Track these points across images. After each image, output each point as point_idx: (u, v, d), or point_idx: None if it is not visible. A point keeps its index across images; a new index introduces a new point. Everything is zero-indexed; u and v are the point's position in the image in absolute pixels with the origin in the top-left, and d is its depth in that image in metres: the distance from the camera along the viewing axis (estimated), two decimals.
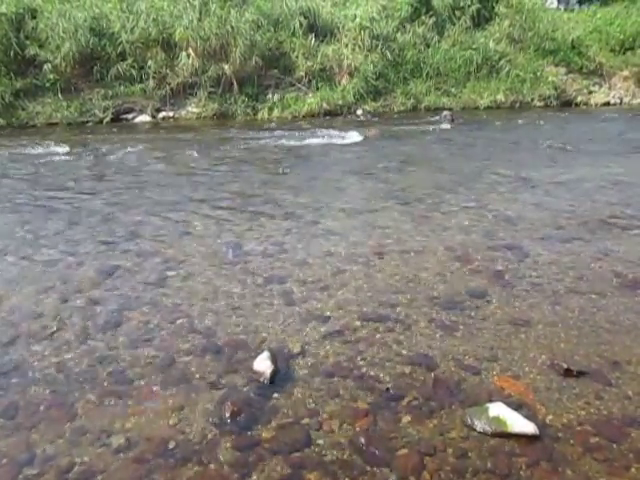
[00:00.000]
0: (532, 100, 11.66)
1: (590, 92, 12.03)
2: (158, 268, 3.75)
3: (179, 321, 3.12)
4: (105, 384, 2.58)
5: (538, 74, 11.85)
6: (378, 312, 3.19)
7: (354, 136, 8.78)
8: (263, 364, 2.65)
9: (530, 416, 2.29)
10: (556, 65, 12.14)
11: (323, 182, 6.07)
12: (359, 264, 3.83)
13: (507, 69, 11.74)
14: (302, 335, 2.96)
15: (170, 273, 3.71)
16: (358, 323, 3.05)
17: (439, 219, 4.75)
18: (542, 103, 11.67)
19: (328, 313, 3.19)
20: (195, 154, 7.56)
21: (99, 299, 3.37)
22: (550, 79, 11.87)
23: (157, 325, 3.09)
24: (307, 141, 8.53)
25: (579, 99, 11.89)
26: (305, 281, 3.56)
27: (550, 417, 2.29)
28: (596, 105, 11.90)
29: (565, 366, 2.56)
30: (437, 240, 4.22)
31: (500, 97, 11.56)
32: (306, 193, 5.60)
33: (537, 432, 2.16)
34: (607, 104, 11.97)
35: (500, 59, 11.85)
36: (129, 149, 7.89)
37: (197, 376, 2.64)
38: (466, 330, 3.00)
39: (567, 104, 11.77)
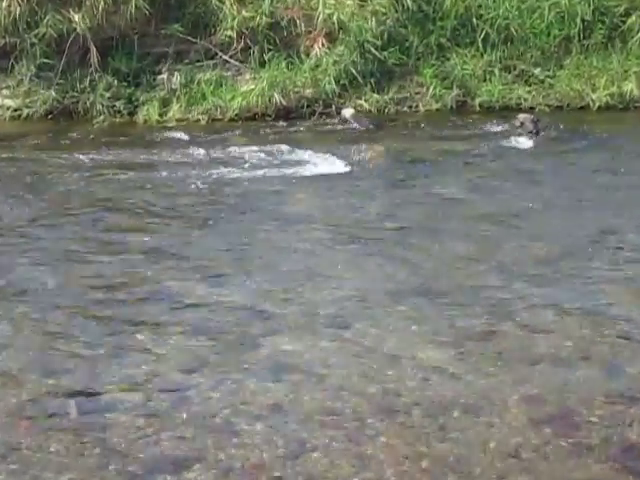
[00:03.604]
0: None
1: None
2: None
3: None
4: None
5: None
6: None
7: (336, 163, 9.15)
8: None
9: None
10: None
11: (272, 266, 6.68)
12: None
13: None
14: None
15: None
16: None
17: (515, 345, 5.36)
18: None
19: None
20: None
21: None
22: None
23: None
24: (238, 174, 8.88)
25: None
26: None
27: None
28: None
29: None
30: (513, 389, 4.76)
31: (631, 87, 12.27)
32: (237, 285, 6.33)
33: None
34: None
35: (629, 12, 12.71)
36: None
37: None
38: None
39: None
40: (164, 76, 11.49)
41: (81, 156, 9.54)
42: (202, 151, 9.68)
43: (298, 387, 4.73)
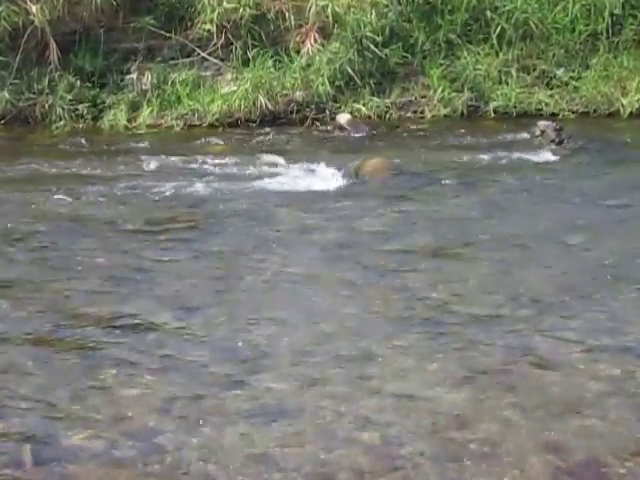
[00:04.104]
0: None
1: None
2: None
3: None
4: None
5: None
6: None
7: (329, 177, 9.19)
8: None
9: None
10: None
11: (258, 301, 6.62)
12: None
13: None
14: None
15: None
16: None
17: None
18: None
19: None
20: None
21: None
22: None
23: None
24: (217, 189, 8.89)
25: None
26: None
27: None
28: None
29: None
30: (532, 436, 4.71)
31: None
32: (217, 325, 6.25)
33: None
34: None
35: None
36: None
37: None
38: None
39: None
40: (133, 76, 11.55)
41: (38, 167, 9.61)
42: (176, 162, 9.74)
43: (286, 434, 4.69)
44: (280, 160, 9.73)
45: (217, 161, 9.73)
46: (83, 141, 10.73)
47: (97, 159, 9.89)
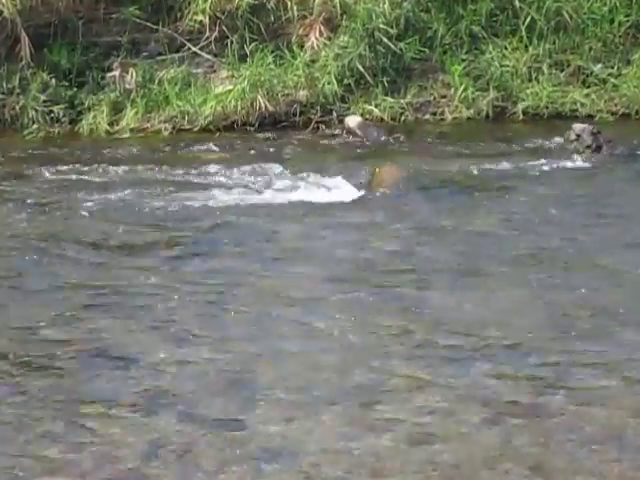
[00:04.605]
0: None
1: None
2: None
3: None
4: None
5: None
6: None
7: (337, 188, 9.23)
8: None
9: None
10: None
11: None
12: None
13: None
14: None
15: None
16: None
17: None
18: None
19: None
20: None
21: None
22: None
23: None
24: (210, 201, 8.92)
25: None
26: None
27: None
28: None
29: None
30: None
31: None
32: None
33: None
34: None
35: None
36: None
37: None
38: None
39: None
40: (116, 73, 11.63)
41: (6, 177, 9.68)
42: (164, 172, 9.79)
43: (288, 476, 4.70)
44: (281, 169, 9.79)
45: (210, 170, 9.79)
46: (58, 148, 10.81)
47: (74, 168, 9.94)
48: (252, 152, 10.62)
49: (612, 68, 12.34)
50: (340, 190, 9.21)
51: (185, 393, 5.58)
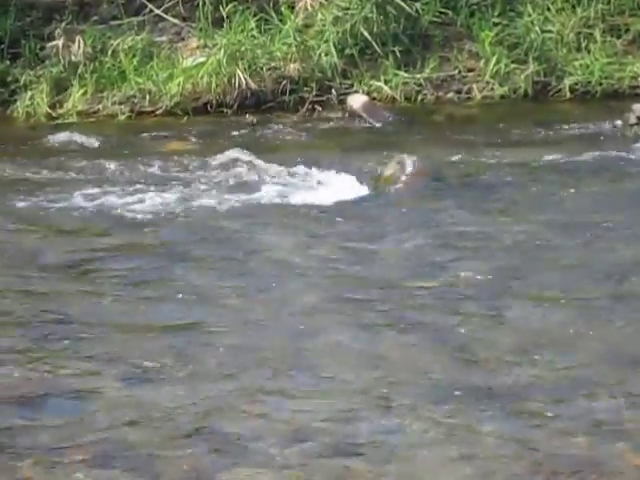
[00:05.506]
0: None
1: None
2: None
3: None
4: None
5: None
6: None
7: (337, 184, 9.33)
8: None
9: None
10: None
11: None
12: None
13: None
14: None
15: None
16: None
17: None
18: None
19: None
20: None
21: None
22: None
23: None
24: (178, 201, 9.04)
25: None
26: None
27: None
28: None
29: None
30: None
31: None
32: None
33: None
34: None
35: None
36: None
37: None
38: None
39: None
40: (58, 43, 11.78)
41: None
42: (120, 166, 9.91)
43: None
44: (265, 162, 9.88)
45: (176, 163, 9.93)
46: None
47: (7, 161, 10.07)
48: (229, 140, 10.74)
49: None
50: (340, 188, 9.32)
51: (146, 442, 5.47)
